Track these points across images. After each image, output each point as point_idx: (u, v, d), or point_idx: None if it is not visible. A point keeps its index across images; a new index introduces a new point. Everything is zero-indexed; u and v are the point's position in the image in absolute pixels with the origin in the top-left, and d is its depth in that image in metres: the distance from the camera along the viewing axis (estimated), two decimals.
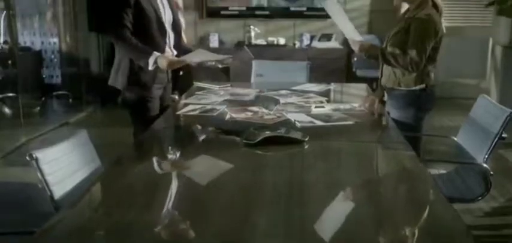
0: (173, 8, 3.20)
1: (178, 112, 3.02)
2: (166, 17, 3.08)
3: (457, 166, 2.83)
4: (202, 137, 2.63)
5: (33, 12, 7.42)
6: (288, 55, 6.36)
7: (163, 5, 3.07)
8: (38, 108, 6.72)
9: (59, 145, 2.12)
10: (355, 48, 2.96)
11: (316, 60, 5.42)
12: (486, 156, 2.53)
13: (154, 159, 2.34)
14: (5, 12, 6.29)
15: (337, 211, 1.75)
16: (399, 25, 2.89)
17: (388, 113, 2.98)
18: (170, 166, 2.31)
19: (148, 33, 2.95)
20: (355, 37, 2.98)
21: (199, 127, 2.72)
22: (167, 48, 3.08)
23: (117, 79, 3.04)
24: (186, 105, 3.15)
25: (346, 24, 2.99)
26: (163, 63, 2.91)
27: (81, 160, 2.21)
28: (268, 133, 2.33)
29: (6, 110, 6.53)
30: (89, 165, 2.25)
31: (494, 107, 2.71)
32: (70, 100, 7.01)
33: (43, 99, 7.03)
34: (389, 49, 2.89)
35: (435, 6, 2.85)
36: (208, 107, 3.06)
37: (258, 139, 2.29)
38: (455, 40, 6.58)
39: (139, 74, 2.99)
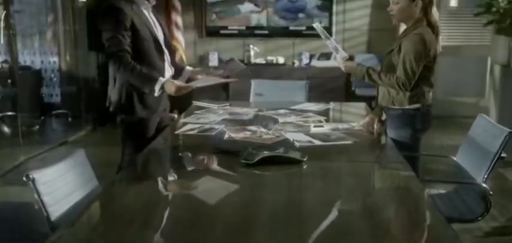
0: (163, 25, 3.16)
1: (177, 132, 3.01)
2: (159, 35, 3.05)
3: (457, 186, 2.82)
4: (200, 156, 2.61)
5: (33, 31, 7.45)
6: (287, 74, 6.39)
7: (154, 23, 3.04)
8: (37, 127, 6.71)
9: (56, 166, 2.11)
10: (342, 67, 2.97)
11: (315, 79, 5.45)
12: (485, 176, 2.52)
13: (152, 179, 2.33)
14: (4, 12, 6.27)
15: (336, 231, 1.73)
16: (395, 44, 2.90)
17: (386, 132, 2.97)
18: (168, 186, 2.29)
19: (147, 55, 2.91)
20: (341, 56, 2.98)
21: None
22: (167, 66, 3.05)
23: (121, 103, 2.95)
24: (184, 124, 3.15)
25: (332, 45, 3.00)
26: (171, 89, 2.86)
27: (78, 180, 2.20)
28: (266, 153, 2.33)
29: (6, 129, 6.52)
30: (86, 185, 2.23)
31: (493, 127, 2.70)
32: (69, 119, 7.01)
33: (42, 118, 7.03)
34: (383, 69, 2.90)
35: (431, 25, 2.84)
36: (207, 126, 3.06)
37: (257, 159, 2.28)
38: (454, 59, 6.60)
39: (144, 98, 2.94)
